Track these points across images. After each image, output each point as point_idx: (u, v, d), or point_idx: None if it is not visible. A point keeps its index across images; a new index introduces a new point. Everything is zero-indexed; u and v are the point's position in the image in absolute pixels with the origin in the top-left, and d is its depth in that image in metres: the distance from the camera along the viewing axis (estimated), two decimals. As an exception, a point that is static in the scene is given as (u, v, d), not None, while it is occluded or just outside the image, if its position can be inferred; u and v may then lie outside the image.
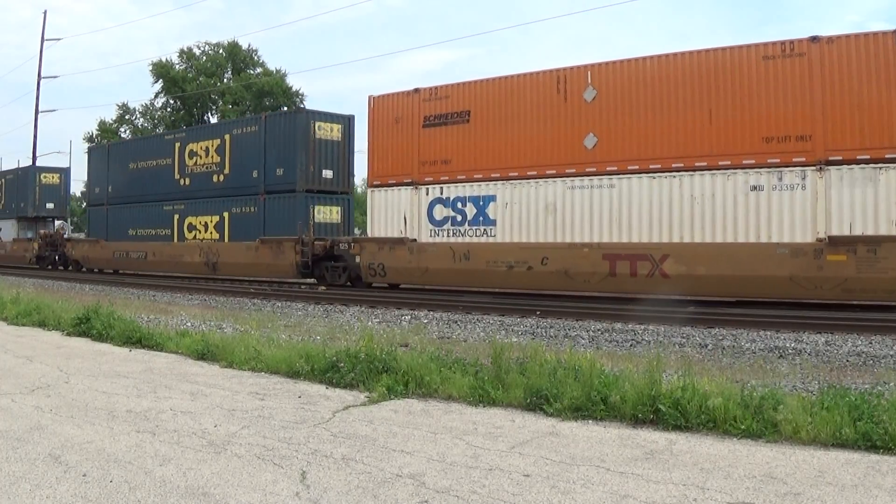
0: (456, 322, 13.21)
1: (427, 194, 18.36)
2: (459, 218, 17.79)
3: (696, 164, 14.62)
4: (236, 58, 52.48)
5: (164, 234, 26.22)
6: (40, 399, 6.78)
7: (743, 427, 5.41)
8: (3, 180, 39.31)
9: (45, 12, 57.35)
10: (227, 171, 24.13)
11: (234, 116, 48.15)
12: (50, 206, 37.30)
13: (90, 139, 52.05)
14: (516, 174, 16.89)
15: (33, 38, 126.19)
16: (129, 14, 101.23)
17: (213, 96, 51.28)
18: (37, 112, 45.30)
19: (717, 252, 14.21)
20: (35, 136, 44.88)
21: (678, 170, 14.79)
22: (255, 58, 53.43)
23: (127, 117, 52.02)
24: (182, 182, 25.85)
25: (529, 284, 16.62)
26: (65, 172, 39.48)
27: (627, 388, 6.08)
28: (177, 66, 51.56)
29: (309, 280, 21.75)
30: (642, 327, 12.14)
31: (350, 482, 4.48)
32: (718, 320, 12.43)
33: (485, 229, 17.36)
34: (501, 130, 17.16)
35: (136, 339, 10.25)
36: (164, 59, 50.98)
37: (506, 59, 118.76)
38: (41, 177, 37.53)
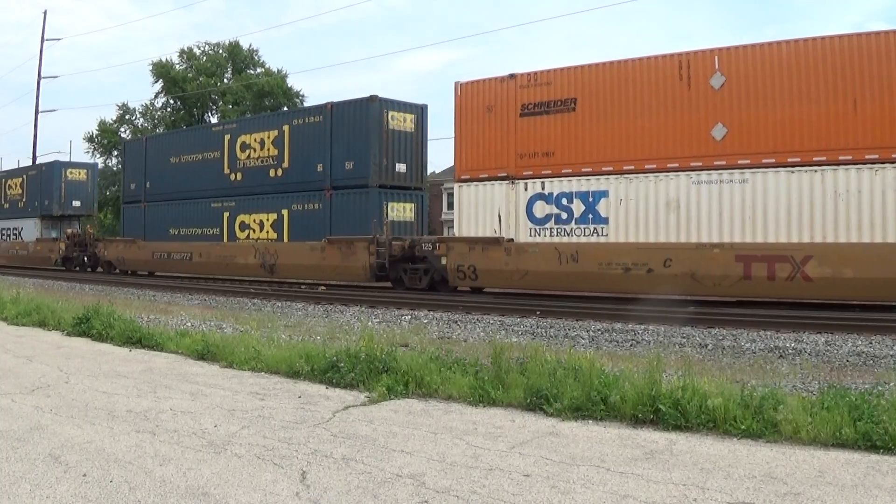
0: (456, 322, 13.21)
1: (526, 189, 16.68)
2: (565, 215, 16.15)
3: (840, 157, 13.43)
4: (237, 58, 52.49)
5: (211, 234, 24.31)
6: (40, 399, 6.78)
7: (743, 427, 5.41)
8: (24, 177, 36.90)
9: (45, 12, 57.39)
10: (285, 164, 22.13)
11: (235, 117, 48.16)
12: (76, 203, 34.74)
13: (90, 139, 52.07)
14: (632, 167, 15.39)
15: (33, 38, 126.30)
16: (129, 14, 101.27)
17: (213, 96, 51.28)
18: (37, 112, 45.34)
19: (867, 253, 13.02)
20: (35, 136, 44.92)
21: (820, 164, 13.58)
22: (256, 58, 53.46)
23: (127, 117, 52.01)
24: (233, 177, 23.91)
25: (649, 288, 14.89)
26: (92, 168, 37.38)
27: (627, 388, 6.08)
28: (177, 66, 51.57)
29: (383, 284, 19.92)
30: (642, 327, 12.14)
31: (350, 482, 4.48)
32: (718, 320, 12.43)
33: (595, 228, 15.80)
34: (614, 120, 15.63)
35: (136, 339, 10.26)
36: (164, 59, 51.01)
37: (506, 59, 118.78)
38: (67, 173, 34.93)
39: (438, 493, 4.28)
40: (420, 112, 21.07)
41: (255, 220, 22.97)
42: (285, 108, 22.56)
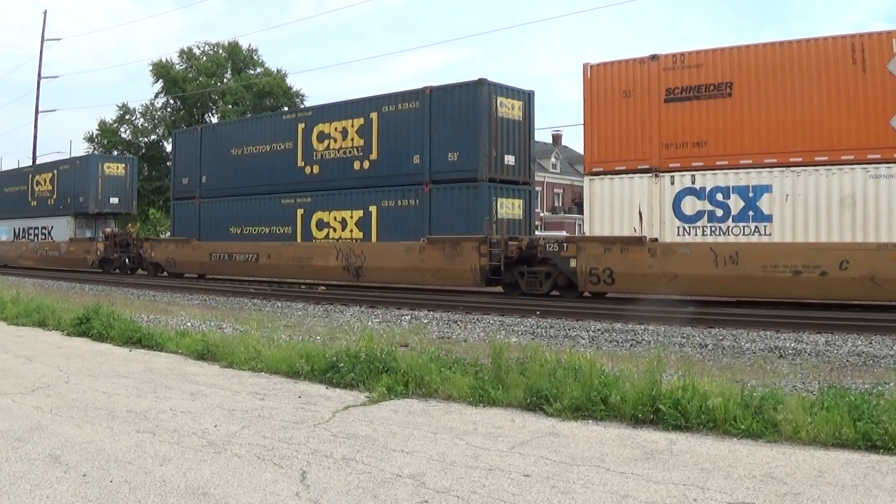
0: (456, 322, 13.21)
1: (672, 183, 15.07)
2: (720, 213, 14.60)
3: None
4: (236, 58, 52.49)
5: (282, 233, 21.98)
6: (40, 399, 6.78)
7: (743, 427, 5.41)
8: (54, 172, 33.83)
9: (45, 12, 57.34)
10: (374, 156, 19.93)
11: (235, 117, 48.13)
12: (114, 200, 31.79)
13: (90, 139, 52.04)
14: (799, 159, 13.95)
15: (33, 38, 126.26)
16: (130, 14, 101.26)
17: (213, 96, 51.29)
18: (37, 112, 45.33)
19: None
20: (35, 136, 44.90)
21: None
22: (256, 58, 53.46)
23: (127, 117, 51.98)
24: (309, 170, 21.57)
25: (823, 293, 13.68)
26: (130, 163, 34.27)
27: (627, 388, 6.08)
28: (177, 67, 51.57)
29: (494, 289, 17.97)
30: (642, 327, 12.14)
31: (350, 482, 4.48)
32: (718, 320, 12.43)
33: (756, 226, 14.24)
34: (777, 106, 14.17)
35: (136, 339, 10.26)
36: (164, 60, 50.98)
37: (506, 59, 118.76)
38: (104, 167, 31.95)
39: (438, 493, 4.28)
40: (527, 98, 19.06)
41: (335, 218, 20.73)
42: (371, 96, 20.03)
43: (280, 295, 19.30)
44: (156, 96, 51.99)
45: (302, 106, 22.49)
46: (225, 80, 51.65)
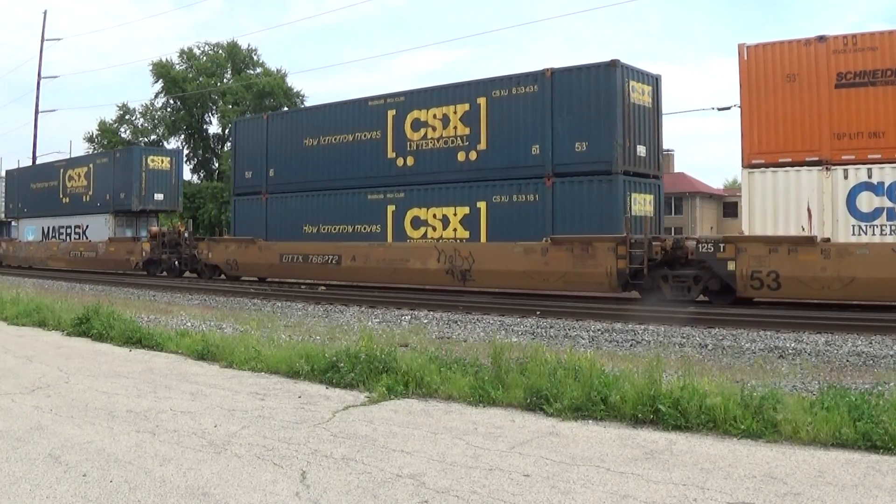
0: (456, 322, 13.21)
1: (846, 178, 13.81)
2: None
3: None
4: (236, 58, 52.47)
5: (369, 232, 19.76)
6: (40, 399, 6.78)
7: (743, 427, 5.41)
8: (90, 166, 31.03)
9: (45, 12, 57.32)
10: (482, 146, 17.78)
11: (235, 116, 48.11)
12: (158, 197, 29.18)
13: (90, 139, 52.02)
14: None
15: (33, 38, 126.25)
16: (130, 14, 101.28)
17: (213, 96, 51.28)
18: (37, 112, 45.31)
19: None
20: (35, 136, 44.87)
21: None
22: (255, 58, 53.45)
23: (127, 117, 51.97)
24: (401, 162, 19.29)
25: None
26: (176, 155, 31.53)
27: (627, 388, 6.08)
28: (177, 67, 51.56)
29: (629, 294, 16.18)
30: (642, 327, 12.15)
31: (350, 482, 4.48)
32: (718, 320, 12.43)
33: None
34: None
35: (136, 339, 10.26)
36: (164, 60, 50.96)
37: (506, 59, 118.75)
38: (148, 160, 29.17)
39: (438, 493, 4.28)
40: (655, 83, 17.27)
41: (435, 216, 18.50)
42: (477, 79, 18.12)
43: (280, 295, 19.30)
44: (156, 96, 51.99)
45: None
46: (225, 80, 51.64)
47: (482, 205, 17.70)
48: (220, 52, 52.45)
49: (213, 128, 52.55)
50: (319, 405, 6.57)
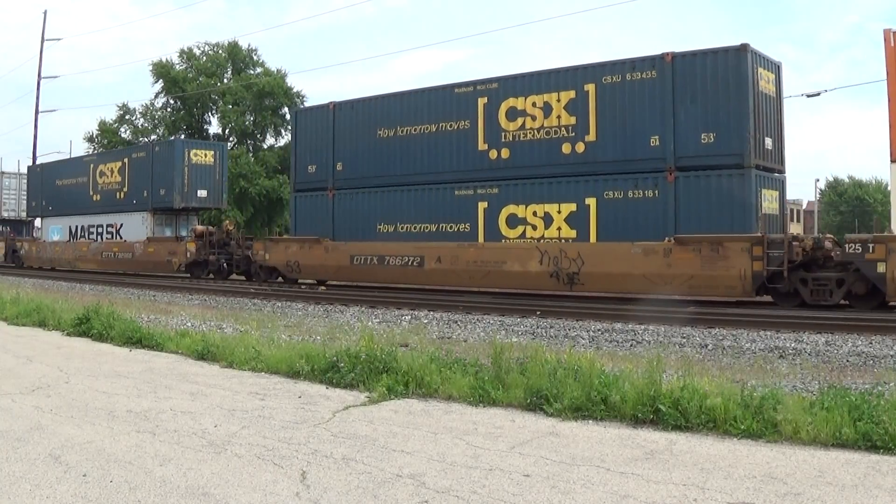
0: (456, 322, 13.22)
1: None
2: None
3: None
4: (236, 58, 52.46)
5: (457, 232, 18.15)
6: (40, 399, 6.78)
7: (743, 427, 5.41)
8: (124, 161, 28.92)
9: (45, 12, 57.25)
10: (591, 136, 16.34)
11: (235, 117, 48.08)
12: (202, 193, 27.09)
13: (90, 139, 52.00)
14: None
15: (33, 38, 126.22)
16: (130, 14, 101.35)
17: (213, 96, 51.28)
18: (37, 112, 45.29)
19: None
20: (35, 136, 44.83)
21: None
22: (255, 58, 53.43)
23: (127, 117, 51.94)
24: (494, 154, 17.71)
25: None
26: (220, 149, 28.89)
27: (627, 389, 6.08)
28: (177, 67, 51.56)
29: (760, 299, 15.10)
30: (642, 327, 12.15)
31: (350, 482, 4.48)
32: (718, 320, 12.44)
33: None
34: None
35: (136, 339, 10.26)
36: (164, 60, 50.92)
37: (506, 59, 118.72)
38: (191, 154, 27.10)
39: (438, 493, 4.28)
40: (777, 71, 15.91)
41: (535, 213, 16.98)
42: (584, 64, 16.85)
43: (280, 295, 19.29)
44: (156, 96, 51.95)
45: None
46: (225, 80, 51.64)
47: (591, 201, 16.18)
48: (220, 52, 52.43)
49: (213, 128, 52.51)
50: (319, 405, 6.57)
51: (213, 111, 52.68)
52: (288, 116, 49.25)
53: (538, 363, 6.82)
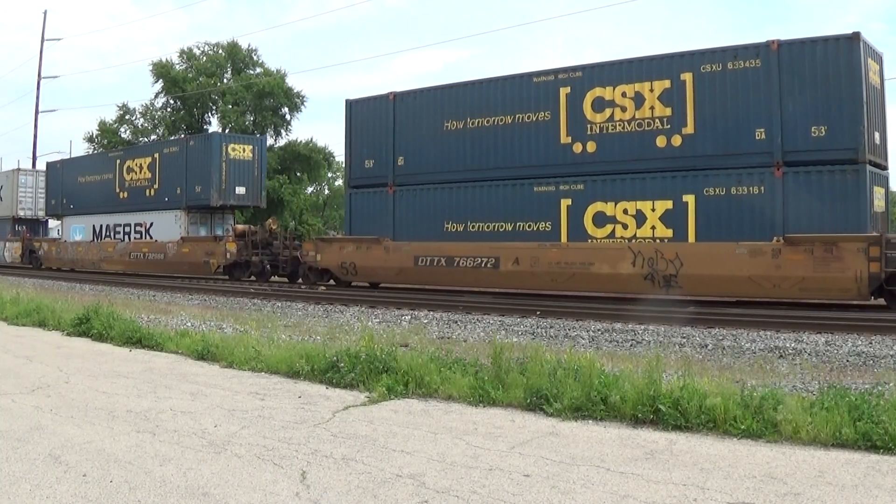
0: (456, 322, 13.22)
1: None
2: None
3: None
4: (236, 58, 52.47)
5: (535, 231, 17.02)
6: (40, 399, 6.78)
7: (743, 427, 5.41)
8: (154, 156, 27.49)
9: (45, 12, 57.46)
10: (688, 129, 15.30)
11: (235, 117, 48.05)
12: (240, 190, 25.66)
13: (90, 139, 52.00)
14: None
15: (33, 38, 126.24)
16: (130, 14, 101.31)
17: (213, 96, 51.28)
18: (37, 112, 45.39)
19: None
20: (35, 136, 44.96)
21: None
22: (255, 57, 53.45)
23: (127, 117, 51.94)
24: (579, 148, 16.59)
25: None
26: (258, 144, 27.28)
27: (627, 388, 6.08)
28: (177, 67, 51.58)
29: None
30: (642, 327, 12.15)
31: (350, 482, 4.48)
32: (718, 320, 12.44)
33: None
34: None
35: (136, 339, 10.26)
36: (164, 60, 50.95)
37: (506, 59, 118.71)
38: (229, 148, 25.54)
39: (438, 493, 4.28)
40: (880, 61, 15.13)
41: (626, 211, 15.91)
42: (681, 51, 15.64)
43: (280, 295, 19.30)
44: (156, 96, 51.95)
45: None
46: (225, 81, 51.64)
47: (689, 198, 15.10)
48: (220, 52, 52.46)
49: (213, 128, 52.52)
50: (319, 405, 6.57)
51: (213, 111, 52.70)
52: (288, 117, 49.36)
53: (538, 363, 6.82)
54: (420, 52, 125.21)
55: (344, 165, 22.11)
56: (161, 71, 50.61)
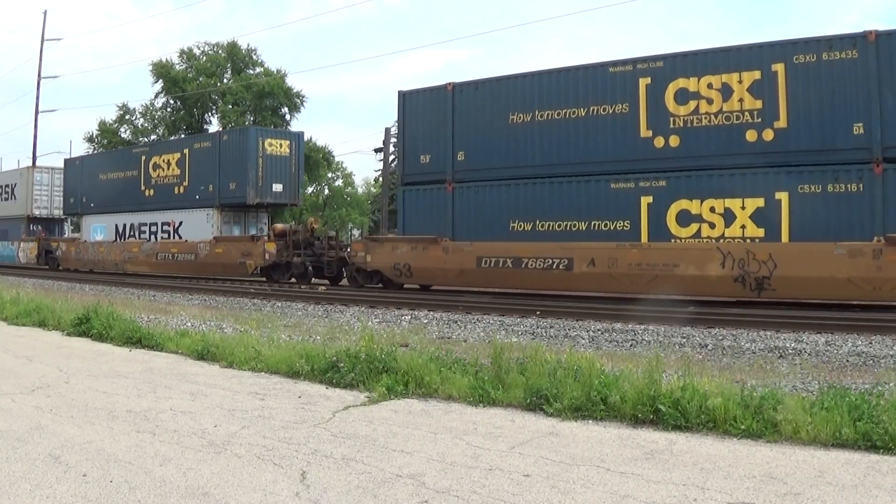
0: (456, 322, 13.21)
1: None
2: None
3: None
4: (236, 58, 52.48)
5: (612, 230, 16.13)
6: (40, 399, 6.78)
7: (743, 427, 5.41)
8: (184, 152, 26.19)
9: (45, 12, 57.43)
10: (781, 123, 14.54)
11: (235, 117, 48.02)
12: (277, 188, 24.54)
13: (90, 139, 52.01)
14: None
15: (33, 38, 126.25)
16: (130, 14, 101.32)
17: (213, 96, 51.29)
18: (37, 112, 45.34)
19: None
20: (35, 136, 44.89)
21: None
22: (255, 58, 53.45)
23: (127, 117, 51.96)
24: (661, 142, 15.79)
25: None
26: (296, 139, 25.91)
27: (627, 388, 6.08)
28: (177, 67, 51.59)
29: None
30: (642, 327, 12.15)
31: (350, 482, 4.48)
32: (718, 320, 12.44)
33: None
34: None
35: (136, 339, 10.26)
36: (164, 60, 50.95)
37: (506, 59, 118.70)
38: (265, 144, 24.36)
39: (438, 493, 4.28)
40: None
41: (713, 209, 15.05)
42: (771, 41, 14.92)
43: (280, 295, 19.30)
44: (156, 96, 51.98)
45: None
46: (225, 81, 51.64)
47: (782, 196, 14.32)
48: (220, 52, 52.48)
49: (213, 128, 52.53)
50: (319, 405, 6.57)
51: (213, 111, 52.71)
52: (288, 117, 49.37)
53: (538, 363, 6.82)
54: (420, 52, 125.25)
55: (396, 161, 21.20)
56: (161, 71, 50.61)
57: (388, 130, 30.06)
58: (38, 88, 45.55)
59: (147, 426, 5.81)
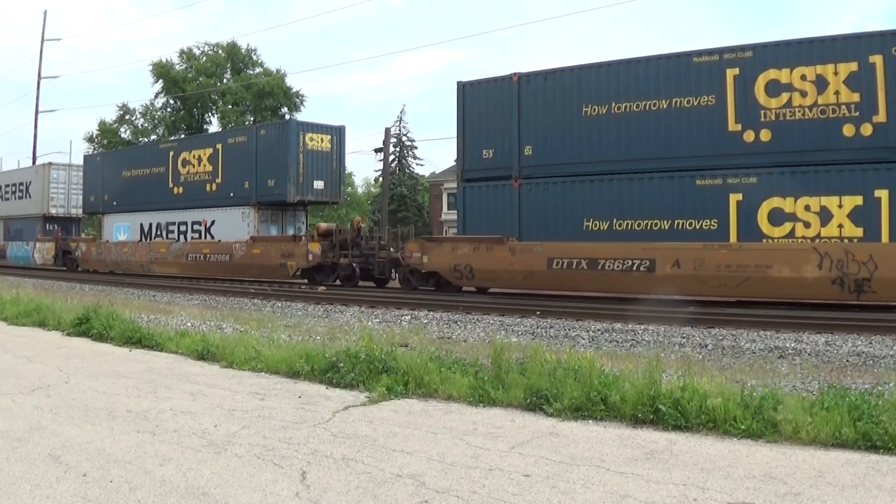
0: (456, 322, 13.21)
1: None
2: None
3: None
4: (236, 58, 52.54)
5: (697, 230, 15.20)
6: (40, 399, 6.78)
7: (743, 427, 5.41)
8: (217, 147, 24.83)
9: (45, 12, 57.46)
10: (879, 117, 13.78)
11: (234, 117, 48.06)
12: (318, 185, 23.22)
13: (90, 139, 52.04)
14: None
15: (33, 38, 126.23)
16: (130, 14, 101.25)
17: (213, 96, 51.31)
18: (37, 112, 45.37)
19: None
20: (35, 136, 44.93)
21: None
22: (255, 58, 53.50)
23: (127, 117, 52.02)
24: (750, 136, 14.84)
25: None
26: (338, 134, 24.29)
27: (627, 388, 6.08)
28: (177, 67, 51.62)
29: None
30: (642, 327, 12.15)
31: (350, 482, 4.48)
32: (718, 320, 12.43)
33: None
34: None
35: (136, 339, 10.26)
36: (164, 60, 51.02)
37: (506, 59, 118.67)
38: (306, 138, 23.01)
39: (438, 493, 4.28)
40: None
41: (808, 207, 14.21)
42: (868, 31, 15.12)
43: (280, 295, 19.30)
44: (156, 96, 52.04)
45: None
46: (225, 81, 51.65)
47: (882, 193, 13.55)
48: (220, 52, 52.54)
49: (213, 128, 52.59)
50: (319, 405, 6.57)
51: (213, 111, 52.75)
52: (288, 116, 49.40)
53: (538, 363, 6.82)
54: (420, 52, 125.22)
55: (456, 156, 19.83)
56: (161, 71, 50.65)
57: (388, 130, 30.13)
58: (38, 88, 45.60)
59: (147, 426, 5.81)
